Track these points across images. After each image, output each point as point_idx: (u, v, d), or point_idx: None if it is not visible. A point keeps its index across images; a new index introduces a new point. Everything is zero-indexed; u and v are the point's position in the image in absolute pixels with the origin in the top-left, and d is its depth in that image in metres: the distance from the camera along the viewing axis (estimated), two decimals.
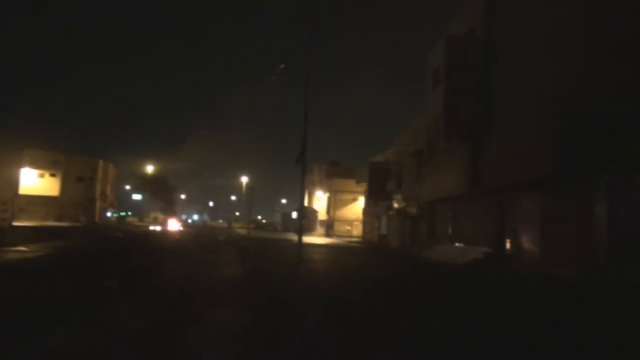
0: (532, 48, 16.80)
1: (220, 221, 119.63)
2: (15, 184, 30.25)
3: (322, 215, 62.12)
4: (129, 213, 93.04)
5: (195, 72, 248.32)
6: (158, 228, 45.46)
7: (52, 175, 57.71)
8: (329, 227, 56.30)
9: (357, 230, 52.52)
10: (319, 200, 64.26)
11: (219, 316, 6.94)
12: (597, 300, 10.69)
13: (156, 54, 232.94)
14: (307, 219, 59.98)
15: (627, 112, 11.95)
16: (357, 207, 53.03)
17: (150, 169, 73.07)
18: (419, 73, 28.78)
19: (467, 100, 20.00)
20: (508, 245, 18.58)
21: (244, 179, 57.14)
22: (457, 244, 22.54)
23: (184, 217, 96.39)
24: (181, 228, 49.18)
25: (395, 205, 33.66)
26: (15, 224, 28.91)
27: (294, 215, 65.38)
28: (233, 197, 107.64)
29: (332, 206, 56.97)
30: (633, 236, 12.04)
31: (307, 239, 31.84)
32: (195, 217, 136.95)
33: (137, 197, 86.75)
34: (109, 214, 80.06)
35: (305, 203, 63.10)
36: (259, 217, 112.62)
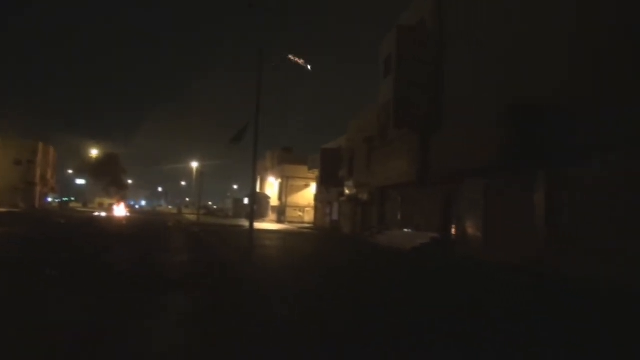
0: (480, 38, 17.32)
1: (170, 207, 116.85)
2: None
3: (274, 201, 62.02)
4: (72, 198, 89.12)
5: (151, 55, 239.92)
6: (103, 214, 43.85)
7: None
8: (281, 213, 56.34)
9: (309, 216, 52.86)
10: (272, 187, 64.08)
11: (164, 306, 6.83)
12: (526, 284, 11.31)
13: (112, 37, 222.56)
14: (259, 205, 59.66)
15: (567, 105, 12.55)
16: (309, 194, 53.33)
17: (95, 152, 69.82)
18: (373, 61, 29.03)
19: (417, 89, 20.43)
20: (454, 232, 19.28)
21: (195, 165, 56.01)
22: (406, 230, 23.15)
23: (131, 202, 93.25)
24: (128, 214, 47.66)
25: (347, 191, 34.10)
26: None
27: (246, 201, 64.89)
28: (183, 183, 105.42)
29: (284, 192, 56.95)
30: (569, 225, 12.75)
31: (259, 225, 31.69)
32: (143, 202, 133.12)
33: (80, 181, 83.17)
34: (50, 199, 76.36)
35: (258, 189, 62.71)
36: (210, 203, 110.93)
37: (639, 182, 10.47)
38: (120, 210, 45.02)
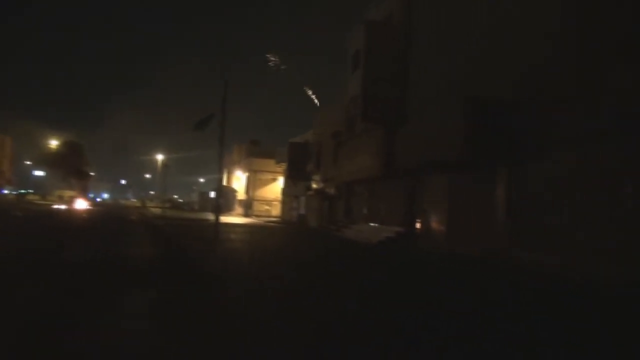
0: (446, 35, 17.60)
1: (134, 200, 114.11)
2: None
3: (241, 194, 61.48)
4: (30, 191, 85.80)
5: (119, 47, 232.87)
6: (63, 207, 42.41)
7: None
8: (248, 206, 55.91)
9: (276, 210, 52.65)
10: (238, 180, 63.49)
11: (125, 301, 6.67)
12: (484, 274, 11.65)
13: (77, 27, 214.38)
14: (225, 199, 58.98)
15: (529, 103, 12.91)
16: (276, 187, 53.11)
17: (55, 142, 67.06)
18: (342, 56, 29.04)
19: (384, 84, 20.59)
20: (418, 225, 19.59)
21: (160, 157, 54.87)
22: (372, 224, 23.37)
23: (91, 195, 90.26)
24: (90, 207, 46.26)
25: (314, 185, 34.16)
26: None
27: (212, 194, 64.08)
28: (148, 175, 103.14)
29: (251, 186, 56.51)
30: (527, 217, 13.16)
31: (225, 219, 31.36)
32: (105, 195, 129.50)
33: (39, 173, 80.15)
34: (5, 192, 73.31)
35: (224, 182, 62.04)
36: (175, 196, 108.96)
37: (591, 176, 10.89)
38: (81, 204, 43.67)
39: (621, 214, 10.00)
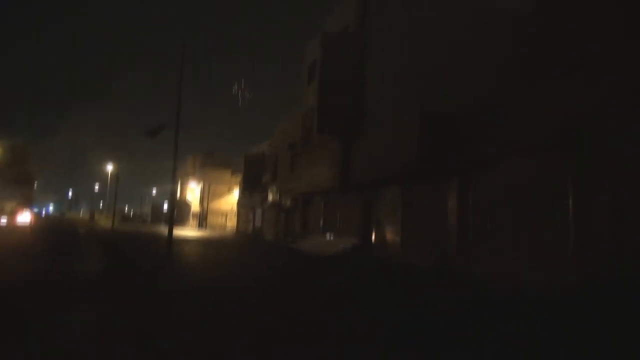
0: (400, 47, 17.95)
1: (83, 212, 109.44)
2: None
3: (195, 206, 60.21)
4: None
5: (73, 50, 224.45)
6: (3, 221, 39.88)
7: None
8: (202, 218, 54.80)
9: (231, 222, 51.82)
10: (193, 192, 62.13)
11: (61, 318, 6.27)
12: (434, 285, 11.85)
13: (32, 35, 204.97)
14: (179, 211, 57.63)
15: (478, 115, 13.27)
16: (232, 199, 52.26)
17: None
18: (298, 67, 29.12)
19: (339, 96, 20.73)
20: (374, 236, 19.71)
21: (110, 167, 52.92)
22: (327, 236, 23.33)
23: (35, 209, 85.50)
24: (33, 221, 43.74)
25: (270, 197, 33.85)
26: None
27: (165, 206, 62.44)
28: (97, 187, 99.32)
29: (205, 197, 55.37)
30: (476, 227, 13.46)
31: (179, 232, 30.53)
32: (51, 208, 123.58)
33: None
34: None
35: (178, 194, 60.56)
36: (127, 208, 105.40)
37: (535, 186, 11.30)
38: (24, 217, 41.15)
39: (560, 223, 10.38)
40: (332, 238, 22.64)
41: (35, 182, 75.20)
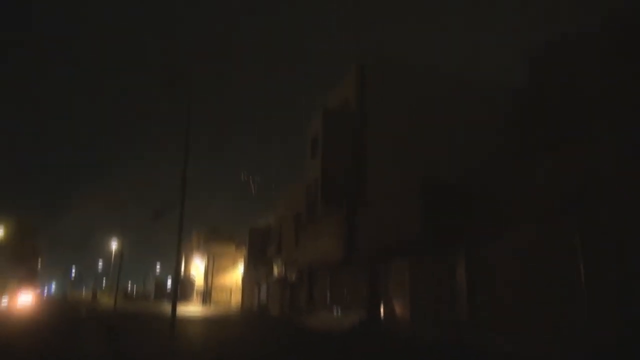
0: (400, 120, 18.50)
1: (86, 291, 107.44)
2: None
3: (199, 281, 59.20)
4: None
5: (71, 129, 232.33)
6: (4, 302, 38.97)
7: None
8: (207, 295, 53.67)
9: (236, 298, 50.67)
10: (197, 268, 61.34)
11: None
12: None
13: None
14: (183, 287, 56.68)
15: (482, 187, 13.40)
16: (236, 274, 51.47)
17: None
18: (300, 141, 29.87)
19: (342, 169, 21.09)
20: (382, 310, 19.18)
21: (114, 245, 52.64)
22: (335, 310, 22.72)
23: (37, 290, 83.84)
24: (34, 302, 42.73)
25: (276, 271, 33.35)
26: None
27: (169, 283, 61.42)
28: (100, 264, 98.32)
29: (210, 272, 54.58)
30: (486, 301, 13.12)
31: (183, 309, 29.80)
32: (53, 287, 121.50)
33: None
34: None
35: (183, 269, 59.83)
36: (129, 285, 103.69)
37: (543, 256, 11.12)
38: (25, 298, 40.31)
39: (571, 292, 10.11)
40: (339, 313, 22.07)
41: (40, 259, 74.46)
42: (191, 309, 38.31)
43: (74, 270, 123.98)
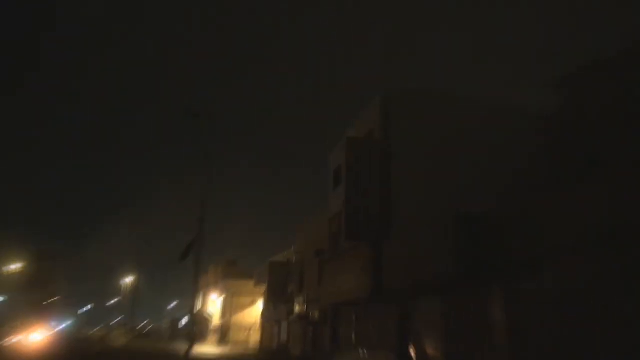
0: (426, 150, 17.69)
1: (99, 328, 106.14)
2: None
3: (216, 319, 57.66)
4: None
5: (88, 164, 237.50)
6: (15, 339, 37.91)
7: None
8: (224, 333, 52.06)
9: (254, 337, 48.93)
10: (214, 304, 59.83)
11: None
12: None
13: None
14: (199, 326, 55.27)
15: (515, 217, 12.48)
16: (255, 311, 49.79)
17: (15, 266, 61.78)
18: (320, 172, 29.22)
19: (367, 201, 20.15)
20: (412, 351, 17.90)
21: (129, 280, 51.91)
22: (360, 352, 21.36)
23: (53, 324, 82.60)
24: (46, 340, 41.59)
25: (297, 308, 32.00)
26: None
27: (184, 321, 60.05)
28: (113, 300, 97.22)
29: (227, 310, 53.03)
30: (528, 340, 12.02)
31: (199, 349, 28.55)
32: (68, 322, 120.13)
33: None
34: None
35: (199, 306, 58.52)
36: (145, 323, 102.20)
37: (588, 290, 10.07)
38: (36, 336, 39.27)
39: (622, 331, 9.00)
40: (365, 354, 20.74)
41: (56, 294, 74.05)
42: (207, 349, 36.92)
43: (89, 306, 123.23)
